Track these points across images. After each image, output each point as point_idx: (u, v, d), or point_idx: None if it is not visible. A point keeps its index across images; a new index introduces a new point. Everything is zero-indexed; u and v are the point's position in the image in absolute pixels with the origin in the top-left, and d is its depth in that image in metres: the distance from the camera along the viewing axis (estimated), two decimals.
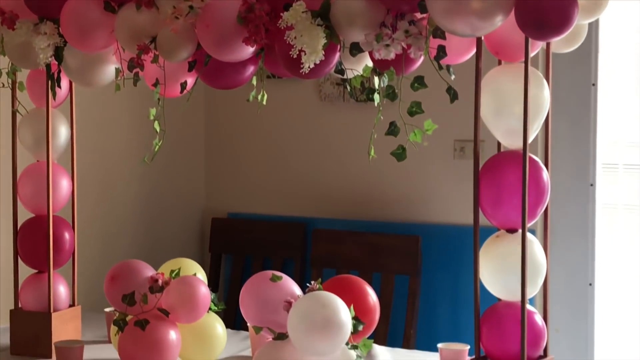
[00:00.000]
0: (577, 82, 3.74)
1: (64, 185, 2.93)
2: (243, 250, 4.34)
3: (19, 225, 2.94)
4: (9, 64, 2.85)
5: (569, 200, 3.74)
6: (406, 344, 3.77)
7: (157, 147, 2.65)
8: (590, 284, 3.76)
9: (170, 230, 4.34)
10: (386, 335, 3.78)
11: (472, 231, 2.30)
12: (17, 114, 2.93)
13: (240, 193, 4.45)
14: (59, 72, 2.76)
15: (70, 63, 2.73)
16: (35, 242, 2.88)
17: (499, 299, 2.33)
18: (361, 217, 4.14)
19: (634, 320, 3.74)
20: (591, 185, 3.75)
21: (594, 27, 3.67)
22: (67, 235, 2.93)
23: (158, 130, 2.62)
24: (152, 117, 2.61)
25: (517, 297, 2.25)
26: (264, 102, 2.75)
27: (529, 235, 2.24)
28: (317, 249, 4.08)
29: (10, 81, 2.88)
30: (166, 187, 4.30)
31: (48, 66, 2.73)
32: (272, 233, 4.28)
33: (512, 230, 2.28)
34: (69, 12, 2.58)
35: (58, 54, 2.68)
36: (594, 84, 3.75)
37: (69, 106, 2.96)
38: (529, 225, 2.23)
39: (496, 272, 2.28)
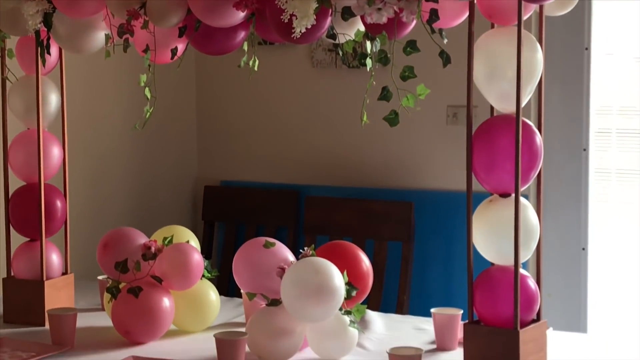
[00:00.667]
0: (570, 46, 3.72)
1: (55, 153, 2.91)
2: (236, 218, 4.33)
3: (10, 193, 2.92)
4: None
5: (562, 165, 3.74)
6: (399, 310, 3.78)
7: (148, 114, 2.63)
8: (584, 249, 3.77)
9: (162, 198, 4.33)
10: (379, 301, 3.79)
11: (465, 197, 2.29)
12: (7, 81, 2.91)
13: (233, 161, 4.44)
14: (49, 38, 2.74)
15: (60, 29, 2.70)
16: (26, 210, 2.87)
17: (492, 264, 2.33)
18: (354, 183, 4.14)
19: (627, 284, 3.76)
20: (584, 150, 3.75)
21: None
22: (59, 203, 2.92)
23: (149, 97, 2.60)
24: (142, 84, 2.59)
25: (510, 262, 2.25)
26: (256, 68, 2.73)
27: (522, 199, 2.24)
28: (310, 216, 4.08)
29: None
30: (158, 154, 4.29)
31: (37, 33, 2.71)
32: (265, 200, 4.28)
33: (505, 195, 2.27)
34: None
35: (47, 20, 2.66)
36: (586, 49, 3.73)
37: (59, 73, 2.93)
38: (522, 189, 2.23)
39: (489, 237, 2.28)
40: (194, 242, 2.85)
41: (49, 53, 2.75)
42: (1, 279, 2.92)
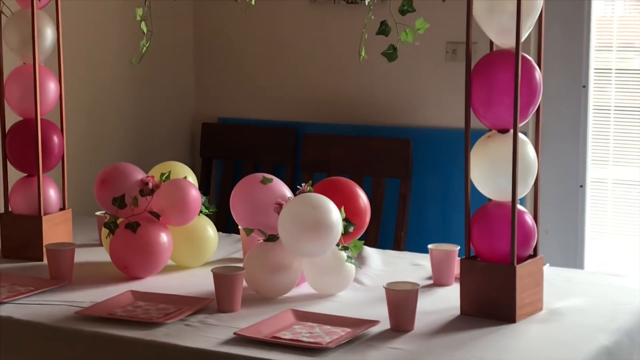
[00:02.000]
0: None
1: (51, 88, 2.89)
2: (234, 155, 4.33)
3: (7, 128, 2.91)
4: None
5: (562, 101, 3.72)
6: (397, 246, 3.79)
7: (145, 48, 2.61)
8: (581, 186, 3.77)
9: (160, 135, 4.32)
10: (377, 238, 3.80)
11: (463, 134, 2.28)
12: (2, 15, 2.87)
13: (231, 98, 4.42)
14: None
15: None
16: (24, 146, 2.85)
17: (490, 200, 2.33)
18: (352, 121, 4.13)
19: (624, 222, 3.77)
20: (584, 87, 3.73)
21: None
22: (56, 139, 2.90)
23: (145, 31, 2.58)
24: (138, 18, 2.57)
25: (507, 197, 2.25)
26: (253, 2, 2.70)
27: (520, 135, 2.23)
28: (307, 153, 4.08)
29: None
30: (155, 91, 4.27)
31: None
32: (263, 138, 4.27)
33: (503, 131, 2.26)
34: None
35: None
36: None
37: (54, 7, 2.90)
38: (520, 125, 2.22)
39: (487, 172, 2.27)
40: (192, 178, 2.84)
41: None
42: None
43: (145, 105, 4.23)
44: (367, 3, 2.39)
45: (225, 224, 4.05)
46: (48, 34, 2.87)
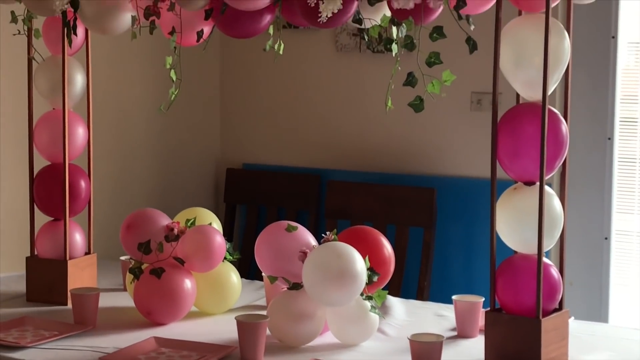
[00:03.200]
0: (597, 34, 3.70)
1: (80, 133, 2.92)
2: (258, 201, 4.34)
3: (35, 172, 2.94)
4: (24, 11, 2.83)
5: (587, 153, 3.72)
6: (420, 296, 3.78)
7: (174, 96, 2.64)
8: (606, 238, 3.75)
9: (185, 180, 4.34)
10: (400, 287, 3.79)
11: (487, 184, 2.28)
12: (33, 61, 2.91)
13: (256, 143, 4.45)
14: (75, 19, 2.74)
15: (87, 10, 2.70)
16: (51, 190, 2.88)
17: (515, 252, 2.32)
18: (376, 169, 4.14)
19: None
20: (609, 139, 3.73)
21: None
22: (83, 183, 2.93)
23: (174, 79, 2.60)
24: (168, 66, 2.59)
25: (533, 250, 2.24)
26: (281, 52, 2.73)
27: (546, 187, 2.23)
28: (331, 201, 4.08)
29: (26, 28, 2.87)
30: (182, 136, 4.30)
31: (64, 13, 2.71)
32: (287, 184, 4.28)
33: (529, 183, 2.26)
34: None
35: (74, 1, 2.66)
36: (613, 37, 3.71)
37: (85, 54, 2.94)
38: (546, 178, 2.22)
39: (513, 225, 2.27)
40: (217, 225, 2.85)
41: (75, 34, 2.76)
42: (25, 258, 2.94)
43: (171, 150, 4.26)
44: (394, 54, 2.41)
45: (247, 269, 4.05)
46: (78, 80, 2.91)
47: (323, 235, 2.56)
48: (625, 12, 3.70)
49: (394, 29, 2.45)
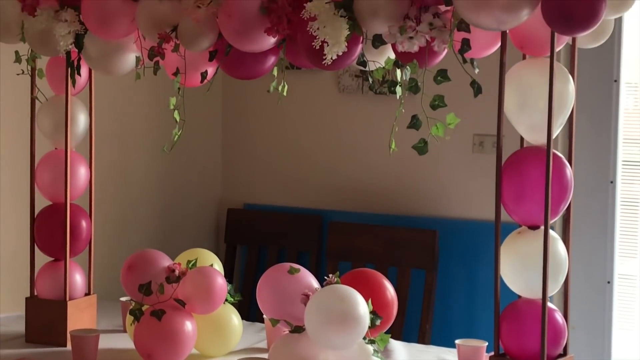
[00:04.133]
0: (599, 78, 3.71)
1: (81, 173, 2.92)
2: (259, 242, 4.33)
3: (36, 212, 2.93)
4: (28, 51, 2.84)
5: (589, 197, 3.71)
6: (422, 339, 3.76)
7: (177, 136, 2.63)
8: (609, 282, 3.73)
9: (186, 220, 4.33)
10: (401, 330, 3.76)
11: (490, 226, 2.28)
12: (36, 101, 2.91)
13: (257, 184, 4.44)
14: (79, 59, 2.75)
15: (91, 51, 2.71)
16: (52, 230, 2.87)
17: (519, 296, 2.31)
18: (378, 210, 4.13)
19: None
20: (611, 182, 3.72)
21: (617, 23, 3.63)
22: (84, 224, 2.92)
23: (178, 119, 2.60)
24: (172, 107, 2.59)
25: (537, 295, 2.22)
26: (285, 93, 2.73)
27: (551, 232, 2.22)
28: (333, 242, 4.07)
29: (29, 68, 2.87)
30: (183, 176, 4.30)
31: (68, 53, 2.72)
32: (288, 224, 4.27)
33: (534, 227, 2.25)
34: (90, 0, 2.57)
35: (78, 41, 2.67)
36: (615, 81, 3.72)
37: (88, 94, 2.94)
38: (551, 222, 2.21)
39: (517, 269, 2.25)
40: (218, 266, 2.84)
41: (79, 74, 2.77)
42: (24, 299, 2.92)
43: (172, 190, 4.25)
44: (398, 97, 2.41)
45: (248, 311, 4.03)
46: (81, 120, 2.91)
47: (325, 277, 2.55)
48: (627, 56, 3.71)
49: (398, 71, 2.45)
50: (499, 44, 2.25)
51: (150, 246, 3.13)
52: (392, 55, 2.45)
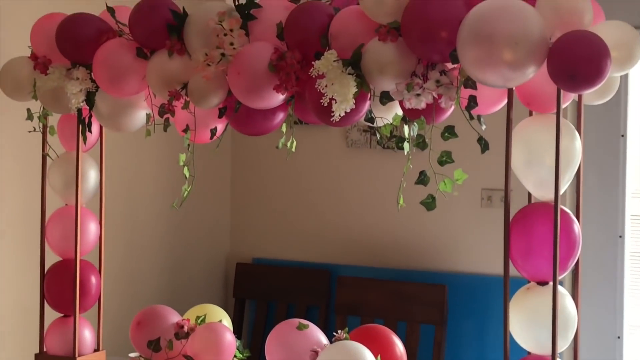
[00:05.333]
0: (606, 133, 3.73)
1: (91, 229, 2.93)
2: (267, 296, 4.32)
3: (46, 268, 2.94)
4: (40, 108, 2.87)
5: (598, 251, 3.71)
6: None
7: (187, 193, 2.65)
8: (619, 337, 3.71)
9: (195, 275, 4.33)
10: None
11: (499, 281, 2.27)
12: (47, 157, 2.94)
13: (266, 238, 4.45)
14: (90, 116, 2.77)
15: (102, 108, 2.74)
16: (62, 286, 2.88)
17: (529, 352, 2.30)
18: (387, 264, 4.12)
19: None
20: (620, 237, 3.72)
21: (623, 79, 3.65)
22: (93, 280, 2.93)
23: (187, 176, 2.62)
24: (181, 163, 2.61)
25: (547, 351, 2.21)
26: (293, 149, 2.75)
27: (560, 288, 2.22)
28: (341, 296, 4.06)
29: (41, 125, 2.90)
30: (192, 231, 4.31)
31: (79, 111, 2.75)
32: (296, 279, 4.27)
33: (542, 283, 2.25)
34: (102, 58, 2.60)
35: (90, 99, 2.70)
36: (622, 135, 3.73)
37: (98, 150, 2.97)
38: (559, 277, 2.21)
39: (527, 325, 2.25)
40: (227, 322, 2.84)
41: (90, 131, 2.79)
42: (34, 355, 2.91)
43: (181, 245, 4.26)
44: (406, 153, 2.42)
45: None
46: (91, 176, 2.93)
47: (334, 333, 2.55)
48: (634, 111, 3.73)
49: (406, 127, 2.47)
50: (506, 101, 2.27)
51: (159, 301, 3.13)
52: (400, 112, 2.47)
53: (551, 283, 2.21)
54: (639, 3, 3.66)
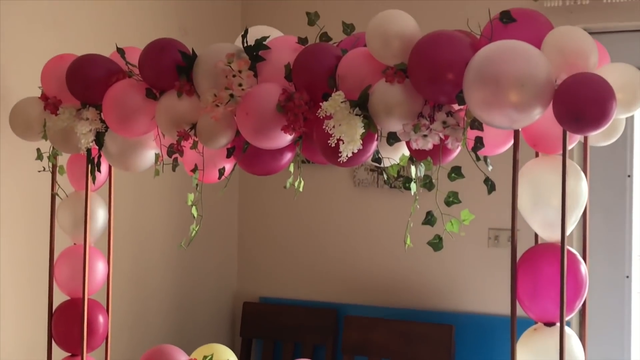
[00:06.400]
0: (613, 173, 3.73)
1: (99, 268, 2.94)
2: (274, 335, 4.31)
3: (54, 307, 2.94)
4: (50, 148, 2.89)
5: (605, 292, 3.70)
6: None
7: (195, 232, 2.66)
8: None
9: (202, 314, 4.33)
10: None
11: (506, 321, 2.28)
12: (56, 197, 2.96)
13: (273, 277, 4.45)
14: (99, 156, 2.79)
15: (111, 148, 2.76)
16: (69, 325, 2.88)
17: None
18: (394, 304, 4.12)
19: None
20: (627, 277, 3.72)
21: (629, 120, 3.67)
22: (101, 319, 2.93)
23: (195, 215, 2.63)
24: (190, 203, 2.63)
25: None
26: (301, 189, 2.76)
27: (566, 329, 2.22)
28: (348, 336, 4.05)
29: (50, 165, 2.92)
30: (199, 270, 4.31)
31: (89, 150, 2.77)
32: (303, 318, 4.26)
33: (549, 324, 2.25)
34: (111, 99, 2.62)
35: (99, 139, 2.72)
36: (629, 176, 3.74)
37: (107, 189, 2.98)
38: (566, 319, 2.21)
39: None
40: None
41: (99, 170, 2.81)
42: None
43: (188, 285, 4.26)
44: (413, 193, 2.43)
45: None
46: (100, 216, 2.95)
47: None
48: None
49: (413, 168, 2.48)
50: (512, 142, 2.28)
51: (166, 340, 3.13)
52: (407, 152, 2.48)
53: (558, 324, 2.21)
54: None
